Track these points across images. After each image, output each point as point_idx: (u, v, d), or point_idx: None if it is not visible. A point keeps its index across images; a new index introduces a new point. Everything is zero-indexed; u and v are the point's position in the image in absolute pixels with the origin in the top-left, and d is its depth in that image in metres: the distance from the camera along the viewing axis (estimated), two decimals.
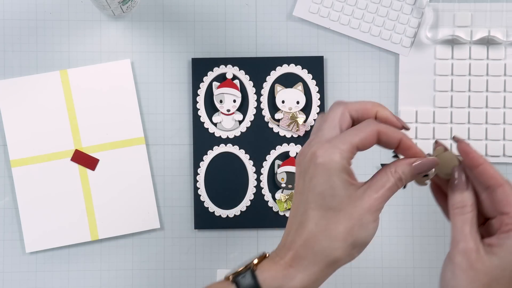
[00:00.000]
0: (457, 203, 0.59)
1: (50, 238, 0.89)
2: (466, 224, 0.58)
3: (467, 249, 0.57)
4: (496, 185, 0.58)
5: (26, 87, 0.90)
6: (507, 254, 0.56)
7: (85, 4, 0.91)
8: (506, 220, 0.57)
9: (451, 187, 0.59)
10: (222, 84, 0.91)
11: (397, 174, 0.58)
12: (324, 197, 0.56)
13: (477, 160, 0.58)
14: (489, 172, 0.58)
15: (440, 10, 0.91)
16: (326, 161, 0.56)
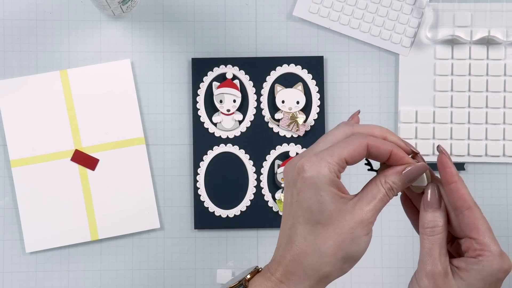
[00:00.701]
0: (427, 222, 0.57)
1: (50, 238, 0.89)
2: (436, 246, 0.56)
3: (435, 272, 0.55)
4: (465, 207, 0.56)
5: (26, 87, 0.90)
6: (474, 281, 0.55)
7: (85, 4, 0.91)
8: (474, 245, 0.56)
9: (423, 205, 0.57)
10: (222, 84, 0.91)
11: (387, 184, 0.57)
12: (312, 212, 0.55)
13: (452, 176, 0.56)
14: (460, 191, 0.56)
15: (440, 10, 0.91)
16: (314, 175, 0.55)
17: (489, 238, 0.55)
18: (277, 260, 0.57)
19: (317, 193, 0.55)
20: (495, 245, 0.56)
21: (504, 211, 0.91)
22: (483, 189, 0.91)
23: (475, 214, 0.56)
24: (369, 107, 0.92)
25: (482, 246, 0.55)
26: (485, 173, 0.91)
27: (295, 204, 0.56)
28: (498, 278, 0.55)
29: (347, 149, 0.56)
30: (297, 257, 0.56)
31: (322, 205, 0.55)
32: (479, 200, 0.91)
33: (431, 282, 0.56)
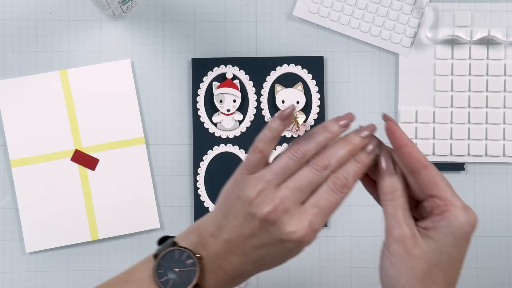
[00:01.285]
0: (386, 188, 0.57)
1: (50, 238, 0.89)
2: (398, 210, 0.56)
3: (403, 236, 0.55)
4: (421, 167, 0.56)
5: (26, 87, 0.90)
6: (443, 237, 0.55)
7: (85, 4, 0.91)
8: (437, 202, 0.56)
9: (380, 173, 0.57)
10: (222, 84, 0.91)
11: None
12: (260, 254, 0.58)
13: (402, 140, 0.57)
14: (413, 154, 0.56)
15: (440, 10, 0.91)
16: (303, 247, 0.58)
17: (450, 193, 0.56)
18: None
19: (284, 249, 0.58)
20: (458, 199, 0.56)
21: (504, 211, 0.91)
22: (483, 189, 0.91)
23: (432, 172, 0.56)
24: (369, 107, 0.92)
25: (444, 201, 0.55)
26: (485, 173, 0.91)
27: (238, 233, 0.57)
28: (466, 231, 0.55)
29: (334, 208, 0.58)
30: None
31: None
32: (479, 200, 0.91)
33: (400, 246, 0.55)
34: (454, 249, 0.55)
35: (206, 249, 0.58)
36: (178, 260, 0.58)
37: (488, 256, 0.91)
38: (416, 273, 0.55)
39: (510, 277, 0.91)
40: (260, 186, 0.56)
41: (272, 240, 0.56)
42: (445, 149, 0.90)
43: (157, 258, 0.58)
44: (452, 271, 0.56)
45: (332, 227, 0.91)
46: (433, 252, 0.55)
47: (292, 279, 0.90)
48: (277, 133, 0.57)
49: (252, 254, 0.57)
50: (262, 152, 0.57)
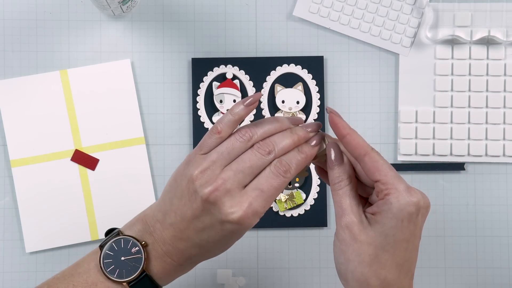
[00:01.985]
0: (334, 178, 0.59)
1: (50, 238, 0.89)
2: (345, 198, 0.58)
3: (349, 222, 0.57)
4: (362, 153, 0.58)
5: (26, 87, 0.90)
6: (387, 220, 0.56)
7: (85, 4, 0.91)
8: (380, 187, 0.57)
9: (328, 165, 0.59)
10: (222, 84, 0.91)
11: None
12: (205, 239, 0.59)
13: (344, 129, 0.59)
14: (355, 141, 0.58)
15: (440, 10, 0.91)
16: (244, 230, 0.58)
17: (392, 176, 0.57)
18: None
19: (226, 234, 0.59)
20: (400, 182, 0.57)
21: (504, 211, 0.91)
22: (483, 189, 0.91)
23: (374, 157, 0.58)
24: (369, 107, 0.92)
25: (386, 185, 0.56)
26: (485, 173, 0.91)
27: (189, 227, 0.58)
28: (409, 212, 0.56)
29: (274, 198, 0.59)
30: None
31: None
32: (479, 200, 0.91)
33: (347, 232, 0.57)
34: (398, 231, 0.56)
35: (152, 236, 0.59)
36: (124, 248, 0.59)
37: (488, 256, 0.91)
38: (363, 258, 0.56)
39: (510, 277, 0.91)
40: (204, 165, 0.57)
41: (213, 222, 0.57)
42: (445, 149, 0.90)
43: (103, 248, 0.59)
44: (400, 253, 0.57)
45: (332, 227, 0.91)
46: (378, 236, 0.56)
47: (292, 279, 0.90)
48: (239, 117, 0.59)
49: (195, 238, 0.58)
50: (220, 133, 0.59)
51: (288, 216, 0.90)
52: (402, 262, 0.57)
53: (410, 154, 0.90)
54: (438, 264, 0.90)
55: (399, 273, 0.57)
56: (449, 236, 0.91)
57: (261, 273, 0.90)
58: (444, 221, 0.91)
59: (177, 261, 0.60)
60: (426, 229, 0.90)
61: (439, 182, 0.91)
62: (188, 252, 0.59)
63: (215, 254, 0.61)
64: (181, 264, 0.61)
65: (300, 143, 0.60)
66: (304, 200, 0.90)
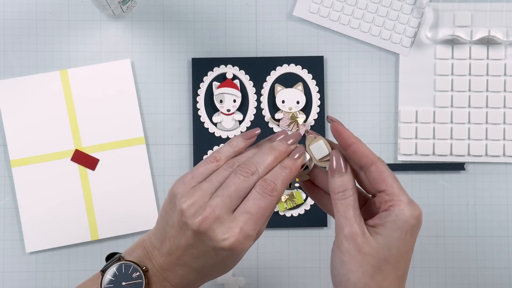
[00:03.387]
0: (337, 187, 0.58)
1: (50, 238, 0.89)
2: (349, 208, 0.57)
3: (353, 233, 0.56)
4: (369, 163, 0.58)
5: (26, 87, 0.90)
6: (391, 232, 0.56)
7: (85, 4, 0.91)
8: (384, 197, 0.57)
9: (330, 173, 0.58)
10: (222, 84, 0.91)
11: None
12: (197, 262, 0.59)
13: (349, 139, 0.58)
14: (361, 150, 0.58)
15: (440, 10, 0.91)
16: (239, 254, 0.58)
17: (397, 188, 0.57)
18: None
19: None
20: (404, 194, 0.57)
21: (504, 211, 0.91)
22: (483, 189, 0.91)
23: (380, 168, 0.57)
24: (369, 107, 0.92)
25: (391, 196, 0.56)
26: (485, 173, 0.91)
27: (181, 245, 0.58)
28: (412, 224, 0.56)
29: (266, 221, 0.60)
30: None
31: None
32: (479, 200, 0.91)
33: (350, 243, 0.56)
34: (402, 244, 0.56)
35: (151, 261, 0.59)
36: (125, 274, 0.59)
37: (488, 256, 0.91)
38: (366, 270, 0.56)
39: (510, 277, 0.91)
40: (194, 196, 0.57)
41: (207, 249, 0.57)
42: (445, 149, 0.90)
43: (104, 273, 0.60)
44: (402, 265, 0.57)
45: (332, 227, 0.91)
46: (382, 248, 0.56)
47: (292, 279, 0.90)
48: (238, 149, 0.60)
49: (192, 264, 0.58)
50: (219, 161, 0.59)
51: (288, 216, 0.90)
52: (401, 274, 0.57)
53: (410, 154, 0.90)
54: (438, 264, 0.90)
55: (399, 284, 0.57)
56: (449, 236, 0.91)
57: (261, 273, 0.90)
58: (444, 221, 0.91)
59: (176, 286, 0.60)
60: (426, 229, 0.91)
61: (439, 182, 0.91)
62: (186, 278, 0.59)
63: (215, 277, 0.61)
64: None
65: (282, 157, 0.59)
66: (304, 200, 0.90)
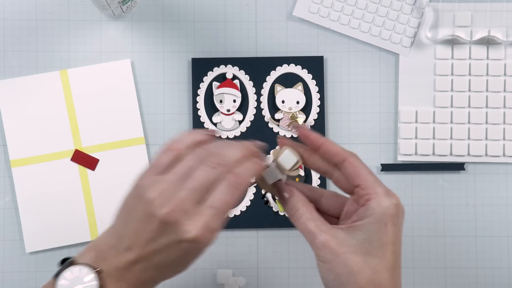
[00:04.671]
0: (290, 210, 0.59)
1: (50, 238, 0.89)
2: (309, 222, 0.58)
3: (324, 241, 0.56)
4: (342, 160, 0.58)
5: (26, 87, 0.90)
6: (370, 226, 0.56)
7: (85, 4, 0.91)
8: (360, 192, 0.57)
9: (281, 202, 0.60)
10: (222, 84, 0.91)
11: None
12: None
13: (318, 140, 0.59)
14: (332, 149, 0.58)
15: (440, 10, 0.91)
16: (201, 248, 0.59)
17: (372, 180, 0.57)
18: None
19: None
20: (380, 186, 0.57)
21: (504, 211, 0.91)
22: (483, 189, 0.91)
23: (353, 162, 0.58)
24: (369, 107, 0.92)
25: (366, 190, 0.57)
26: (485, 173, 0.91)
27: (141, 241, 0.57)
28: (391, 214, 0.56)
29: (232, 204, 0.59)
30: None
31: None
32: (479, 200, 0.91)
33: (326, 251, 0.56)
34: (383, 234, 0.56)
35: (106, 262, 0.58)
36: (78, 277, 0.58)
37: (488, 256, 0.91)
38: (352, 268, 0.55)
39: (510, 277, 0.91)
40: (161, 186, 0.56)
41: (170, 242, 0.56)
42: (445, 149, 0.90)
43: (57, 278, 0.59)
44: (389, 256, 0.57)
45: None
46: (362, 243, 0.56)
47: (292, 279, 0.90)
48: (195, 139, 0.58)
49: (153, 260, 0.58)
50: (175, 150, 0.57)
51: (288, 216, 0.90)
52: (392, 265, 0.57)
53: (410, 154, 0.90)
54: (438, 264, 0.90)
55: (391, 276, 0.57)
56: (449, 236, 0.91)
57: (261, 273, 0.90)
58: (444, 221, 0.91)
59: (133, 285, 0.59)
60: (426, 229, 0.91)
61: (439, 182, 0.91)
62: (144, 275, 0.59)
63: (172, 275, 0.61)
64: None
65: (248, 155, 0.58)
66: None
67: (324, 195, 0.62)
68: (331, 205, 0.61)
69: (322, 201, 0.62)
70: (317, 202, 0.62)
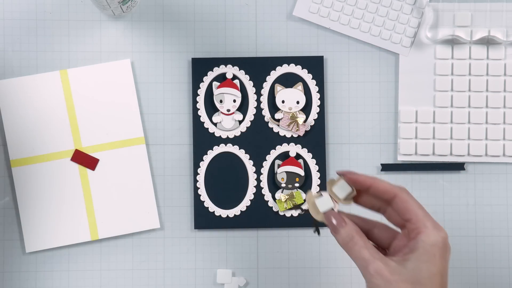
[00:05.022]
0: (345, 238, 0.61)
1: (50, 238, 0.89)
2: (363, 250, 0.60)
3: (377, 268, 0.59)
4: (392, 196, 0.62)
5: (26, 87, 0.90)
6: (419, 256, 0.59)
7: (85, 4, 0.91)
8: (410, 226, 0.61)
9: (333, 230, 0.63)
10: (222, 84, 0.91)
11: None
12: None
13: (366, 181, 0.62)
14: (381, 187, 0.62)
15: (440, 10, 0.91)
16: None
17: (422, 215, 0.61)
18: None
19: None
20: (429, 220, 0.61)
21: (504, 211, 0.91)
22: (483, 189, 0.91)
23: (403, 198, 0.61)
24: (369, 107, 0.92)
25: (417, 224, 0.60)
26: (485, 173, 0.91)
27: None
28: (440, 247, 0.60)
29: None
30: None
31: None
32: (479, 200, 0.91)
33: (379, 278, 0.59)
34: (432, 265, 0.59)
35: None
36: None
37: (488, 256, 0.91)
38: None
39: (510, 277, 0.91)
40: None
41: None
42: (445, 149, 0.90)
43: None
44: (436, 285, 0.59)
45: None
46: (412, 272, 0.59)
47: (292, 279, 0.90)
48: None
49: None
50: None
51: (288, 216, 0.90)
52: None
53: (410, 154, 0.90)
54: None
55: None
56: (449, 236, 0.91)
57: (261, 273, 0.90)
58: (444, 221, 0.91)
59: None
60: None
61: (439, 182, 0.91)
62: None
63: None
64: None
65: None
66: (304, 200, 0.90)
67: (376, 226, 0.65)
68: (382, 236, 0.64)
69: (375, 232, 0.65)
70: (369, 233, 0.65)
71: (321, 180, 0.90)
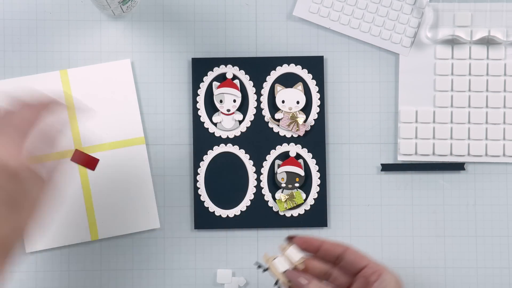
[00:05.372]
0: None
1: (50, 238, 0.89)
2: None
3: None
4: (343, 250, 0.68)
5: (26, 87, 0.90)
6: None
7: (85, 4, 0.91)
8: (369, 270, 0.67)
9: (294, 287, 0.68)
10: (222, 84, 0.91)
11: None
12: None
13: (316, 242, 0.69)
14: (331, 245, 0.69)
15: (440, 10, 0.91)
16: None
17: (375, 260, 0.68)
18: None
19: None
20: (381, 264, 0.68)
21: (504, 211, 0.91)
22: (483, 189, 0.91)
23: (353, 250, 0.69)
24: (369, 107, 0.92)
25: (375, 267, 0.67)
26: (485, 173, 0.91)
27: None
28: (400, 284, 0.68)
29: None
30: None
31: None
32: (479, 200, 0.91)
33: None
34: None
35: None
36: None
37: (488, 256, 0.91)
38: None
39: (510, 277, 0.91)
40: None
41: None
42: (445, 149, 0.90)
43: None
44: None
45: (332, 226, 0.91)
46: None
47: None
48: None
49: None
50: None
51: (288, 216, 0.90)
52: None
53: (410, 154, 0.90)
54: (438, 264, 0.90)
55: None
56: (449, 236, 0.91)
57: (261, 273, 0.90)
58: (444, 221, 0.91)
59: None
60: (426, 229, 0.91)
61: (439, 182, 0.91)
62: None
63: (24, 224, 0.65)
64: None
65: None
66: (304, 200, 0.90)
67: (333, 273, 0.71)
68: (341, 281, 0.71)
69: (334, 273, 0.71)
70: (329, 276, 0.71)
71: (321, 180, 0.90)
